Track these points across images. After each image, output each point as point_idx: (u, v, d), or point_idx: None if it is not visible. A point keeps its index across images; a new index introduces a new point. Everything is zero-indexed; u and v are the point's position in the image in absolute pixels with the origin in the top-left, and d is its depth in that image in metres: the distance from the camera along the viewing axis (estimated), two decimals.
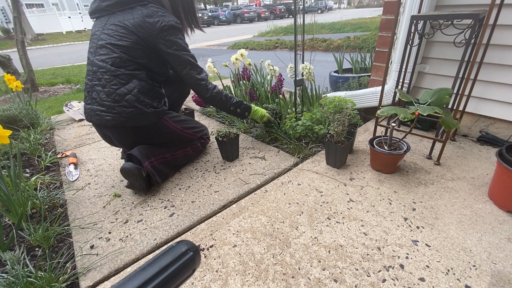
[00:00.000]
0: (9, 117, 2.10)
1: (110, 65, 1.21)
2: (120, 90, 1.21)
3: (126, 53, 1.21)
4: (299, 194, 1.26)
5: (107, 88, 1.21)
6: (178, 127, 1.42)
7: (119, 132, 1.30)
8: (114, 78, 1.21)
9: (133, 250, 1.03)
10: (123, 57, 1.21)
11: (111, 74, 1.21)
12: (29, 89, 3.49)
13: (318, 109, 1.74)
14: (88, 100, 1.28)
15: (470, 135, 1.68)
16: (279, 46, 8.05)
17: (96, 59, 1.23)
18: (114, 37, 1.21)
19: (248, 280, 0.88)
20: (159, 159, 1.37)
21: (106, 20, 1.26)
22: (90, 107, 1.27)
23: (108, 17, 1.26)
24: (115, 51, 1.21)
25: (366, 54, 2.70)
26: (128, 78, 1.22)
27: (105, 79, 1.21)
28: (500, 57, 1.43)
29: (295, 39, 1.60)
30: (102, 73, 1.21)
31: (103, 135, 1.37)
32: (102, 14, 1.29)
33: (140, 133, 1.32)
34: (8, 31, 16.47)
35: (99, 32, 1.26)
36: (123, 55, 1.21)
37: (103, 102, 1.22)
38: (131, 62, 1.23)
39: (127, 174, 1.26)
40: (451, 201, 1.16)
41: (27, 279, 0.86)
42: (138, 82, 1.23)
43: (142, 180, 1.28)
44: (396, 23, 1.37)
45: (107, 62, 1.21)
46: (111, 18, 1.25)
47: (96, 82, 1.23)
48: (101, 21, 1.28)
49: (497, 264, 0.88)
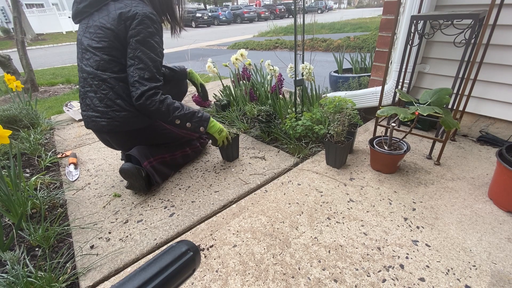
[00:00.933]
0: (9, 117, 2.10)
1: (95, 70, 1.19)
2: (110, 94, 1.20)
3: (107, 54, 1.18)
4: (299, 194, 1.26)
5: (98, 93, 1.21)
6: (174, 127, 1.41)
7: (116, 136, 1.29)
8: (102, 83, 1.19)
9: (133, 250, 1.03)
10: (105, 58, 1.18)
11: (99, 79, 1.19)
12: (29, 89, 3.49)
13: (318, 109, 1.75)
14: (83, 107, 1.28)
15: (470, 135, 1.68)
16: (279, 46, 8.05)
17: (84, 64, 1.22)
18: (94, 40, 1.19)
19: (248, 280, 0.88)
20: (158, 159, 1.37)
21: (86, 23, 1.24)
22: (86, 114, 1.27)
23: (88, 19, 1.24)
24: (97, 54, 1.18)
25: (366, 54, 2.70)
26: (115, 81, 1.20)
27: (95, 84, 1.20)
28: (500, 57, 1.44)
29: (295, 39, 1.60)
30: (91, 79, 1.20)
31: (103, 140, 1.37)
32: (82, 17, 1.26)
33: (137, 136, 1.32)
34: (8, 31, 16.46)
35: (80, 36, 1.24)
36: (105, 56, 1.18)
37: (97, 108, 1.22)
38: (115, 63, 1.20)
39: (126, 175, 1.26)
40: (451, 201, 1.16)
41: (27, 279, 0.86)
42: (124, 85, 1.21)
43: (141, 180, 1.28)
44: (396, 23, 1.37)
45: (93, 66, 1.19)
46: (90, 20, 1.23)
47: (88, 89, 1.23)
48: (82, 25, 1.26)
49: (497, 264, 0.88)
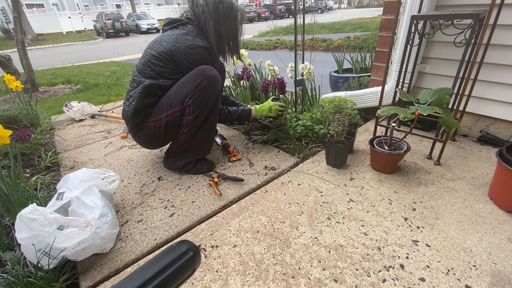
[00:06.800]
0: (9, 117, 2.09)
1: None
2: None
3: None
4: (299, 194, 1.26)
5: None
6: (157, 119, 1.33)
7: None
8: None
9: (133, 250, 1.03)
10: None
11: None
12: (29, 89, 3.49)
13: (318, 109, 1.74)
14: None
15: (471, 135, 1.67)
16: (279, 46, 8.05)
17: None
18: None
19: (248, 280, 0.88)
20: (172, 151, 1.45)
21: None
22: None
23: None
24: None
25: (366, 54, 2.70)
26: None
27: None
28: (500, 57, 1.43)
29: (295, 39, 1.60)
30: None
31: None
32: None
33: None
34: (8, 31, 16.47)
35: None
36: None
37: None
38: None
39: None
40: (451, 201, 1.16)
41: (27, 279, 0.86)
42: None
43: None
44: (396, 23, 1.37)
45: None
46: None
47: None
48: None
49: (497, 264, 0.88)
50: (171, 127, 1.32)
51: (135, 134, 1.39)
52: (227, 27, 1.36)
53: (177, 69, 1.29)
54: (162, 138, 1.36)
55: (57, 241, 0.85)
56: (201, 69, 1.26)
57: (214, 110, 1.35)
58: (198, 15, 1.31)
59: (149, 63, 1.28)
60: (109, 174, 1.17)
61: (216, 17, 1.30)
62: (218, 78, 1.30)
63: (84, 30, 21.12)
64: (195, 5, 1.32)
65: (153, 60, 1.27)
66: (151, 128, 1.32)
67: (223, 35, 1.36)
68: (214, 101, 1.33)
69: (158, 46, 1.28)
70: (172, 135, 1.37)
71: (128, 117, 1.32)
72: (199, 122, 1.33)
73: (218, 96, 1.34)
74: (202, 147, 1.44)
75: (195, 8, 1.32)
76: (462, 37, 1.20)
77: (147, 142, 1.40)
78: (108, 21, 17.04)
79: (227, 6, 1.31)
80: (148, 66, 1.28)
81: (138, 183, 1.43)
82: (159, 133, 1.33)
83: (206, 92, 1.27)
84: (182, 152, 1.43)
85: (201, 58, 1.29)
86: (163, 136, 1.35)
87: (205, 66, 1.27)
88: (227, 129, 2.01)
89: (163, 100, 1.30)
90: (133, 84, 1.31)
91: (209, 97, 1.29)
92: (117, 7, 27.38)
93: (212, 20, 1.30)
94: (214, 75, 1.27)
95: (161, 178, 1.46)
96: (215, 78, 1.27)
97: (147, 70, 1.28)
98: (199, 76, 1.25)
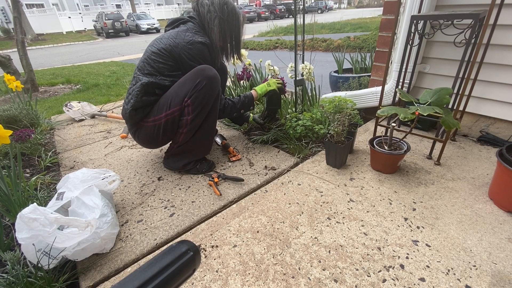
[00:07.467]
0: (9, 117, 2.09)
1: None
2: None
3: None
4: (299, 194, 1.26)
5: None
6: (156, 118, 1.34)
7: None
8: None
9: (133, 250, 1.03)
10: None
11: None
12: (29, 89, 3.49)
13: (318, 109, 1.74)
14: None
15: (471, 135, 1.67)
16: (279, 46, 8.05)
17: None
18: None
19: (248, 280, 0.88)
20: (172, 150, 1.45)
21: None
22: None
23: None
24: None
25: (366, 54, 2.70)
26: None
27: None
28: (500, 57, 1.43)
29: (295, 39, 1.60)
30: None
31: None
32: None
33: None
34: (8, 31, 16.47)
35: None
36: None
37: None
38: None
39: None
40: (451, 201, 1.16)
41: (27, 279, 0.86)
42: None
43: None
44: (396, 23, 1.37)
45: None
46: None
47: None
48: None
49: (497, 264, 0.88)
50: (170, 127, 1.32)
51: (134, 133, 1.40)
52: (231, 26, 1.38)
53: (176, 66, 1.30)
54: (162, 138, 1.36)
55: (57, 241, 0.85)
56: (200, 68, 1.27)
57: (213, 109, 1.35)
58: (203, 14, 1.33)
59: (148, 60, 1.29)
60: (109, 174, 1.17)
61: (221, 15, 1.33)
62: (218, 78, 1.30)
63: (84, 30, 21.12)
64: (199, 5, 1.34)
65: (152, 56, 1.28)
66: (151, 128, 1.33)
67: (226, 33, 1.39)
68: (214, 101, 1.33)
69: (159, 43, 1.30)
70: (171, 135, 1.37)
71: (126, 115, 1.33)
72: (198, 122, 1.33)
73: (218, 96, 1.34)
74: (202, 147, 1.44)
75: (200, 8, 1.34)
76: (462, 37, 1.20)
77: (146, 141, 1.40)
78: (108, 21, 17.05)
79: (231, 8, 1.36)
80: (147, 63, 1.29)
81: (138, 183, 1.43)
82: (159, 133, 1.33)
83: (205, 92, 1.27)
84: (182, 152, 1.43)
85: (200, 53, 1.30)
86: (162, 136, 1.35)
87: (204, 65, 1.28)
88: (227, 129, 2.01)
89: (162, 100, 1.30)
90: (133, 81, 1.32)
91: (208, 97, 1.29)
92: (117, 7, 27.40)
93: (218, 18, 1.33)
94: (213, 75, 1.27)
95: (161, 178, 1.46)
96: (214, 77, 1.28)
97: (146, 67, 1.29)
98: (198, 76, 1.26)
